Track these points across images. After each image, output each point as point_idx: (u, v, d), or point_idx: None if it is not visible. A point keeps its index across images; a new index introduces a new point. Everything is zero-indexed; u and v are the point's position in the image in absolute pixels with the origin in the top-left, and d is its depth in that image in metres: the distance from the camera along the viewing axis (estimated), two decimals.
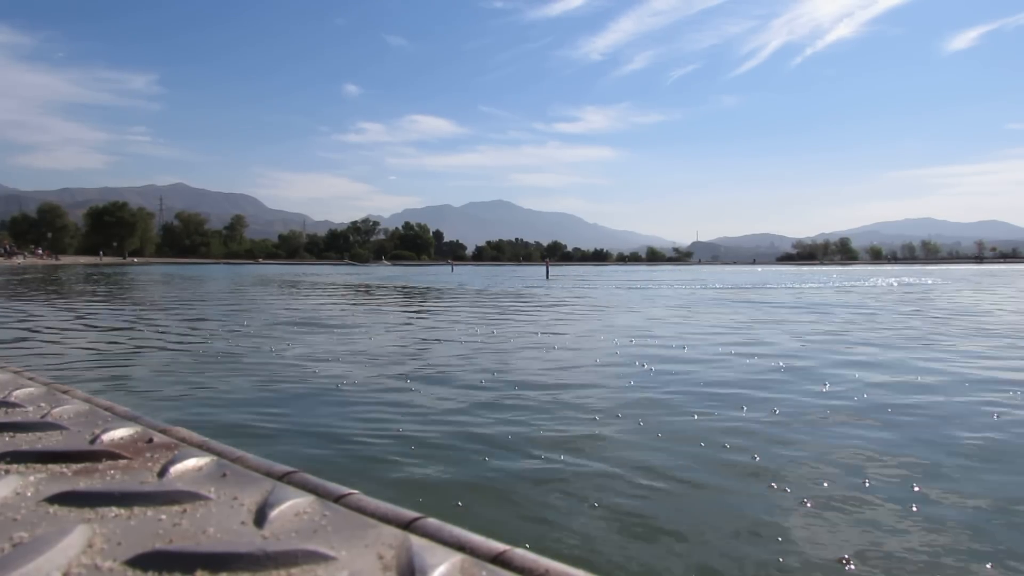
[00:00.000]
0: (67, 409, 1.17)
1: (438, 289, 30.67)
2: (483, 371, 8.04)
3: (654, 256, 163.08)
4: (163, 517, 0.74)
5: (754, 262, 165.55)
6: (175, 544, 0.67)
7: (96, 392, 1.31)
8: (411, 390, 6.94)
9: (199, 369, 8.24)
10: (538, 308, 18.88)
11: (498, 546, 0.65)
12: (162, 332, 12.40)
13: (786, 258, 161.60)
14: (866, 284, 35.00)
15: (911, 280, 40.18)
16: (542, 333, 12.33)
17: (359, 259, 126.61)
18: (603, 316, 16.37)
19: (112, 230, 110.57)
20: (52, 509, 0.76)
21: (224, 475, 0.87)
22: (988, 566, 2.94)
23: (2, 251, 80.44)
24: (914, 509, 3.61)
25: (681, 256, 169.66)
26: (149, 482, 0.84)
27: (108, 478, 0.87)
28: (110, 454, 0.94)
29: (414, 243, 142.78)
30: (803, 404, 6.12)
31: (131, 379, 7.56)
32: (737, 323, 13.44)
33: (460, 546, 0.66)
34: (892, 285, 33.77)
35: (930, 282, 37.62)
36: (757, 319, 14.27)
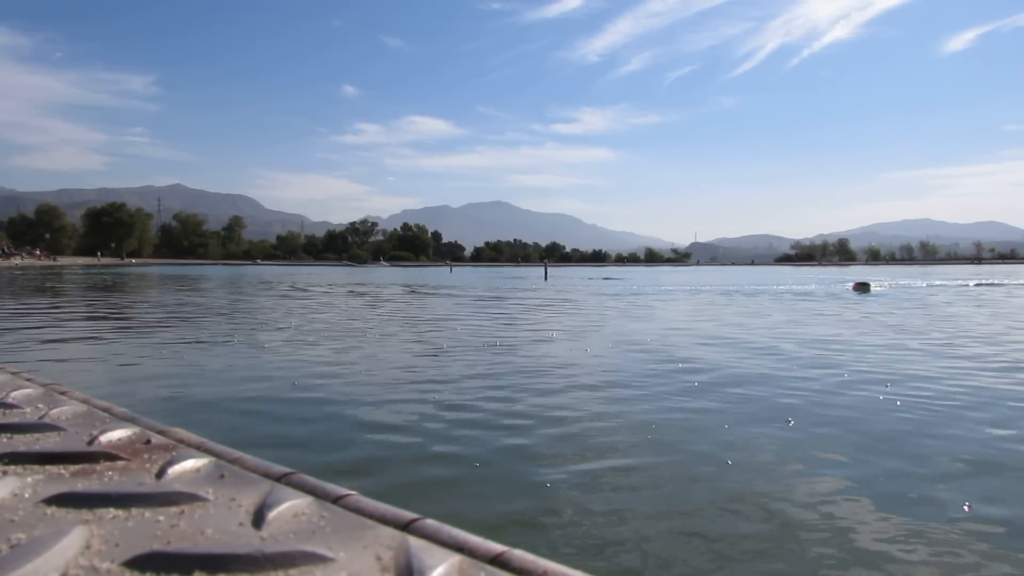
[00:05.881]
0: (65, 410, 1.17)
1: (441, 294, 30.67)
2: (484, 372, 8.04)
3: (653, 257, 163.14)
4: (161, 518, 0.74)
5: (752, 263, 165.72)
6: (173, 545, 0.67)
7: (94, 393, 1.31)
8: (411, 392, 6.94)
9: (197, 370, 8.23)
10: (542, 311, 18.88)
11: (496, 547, 0.65)
12: (160, 333, 12.38)
13: (784, 259, 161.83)
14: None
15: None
16: (559, 338, 12.32)
17: (358, 260, 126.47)
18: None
19: (110, 231, 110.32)
20: (50, 510, 0.76)
21: (222, 476, 0.87)
22: None
23: (0, 252, 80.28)
24: None
25: (680, 257, 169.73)
26: (147, 483, 0.84)
27: (106, 479, 0.86)
28: (108, 455, 0.94)
29: (412, 244, 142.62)
30: None
31: (129, 379, 7.55)
32: None
33: (459, 547, 0.66)
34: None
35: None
36: None
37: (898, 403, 6.32)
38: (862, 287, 31.50)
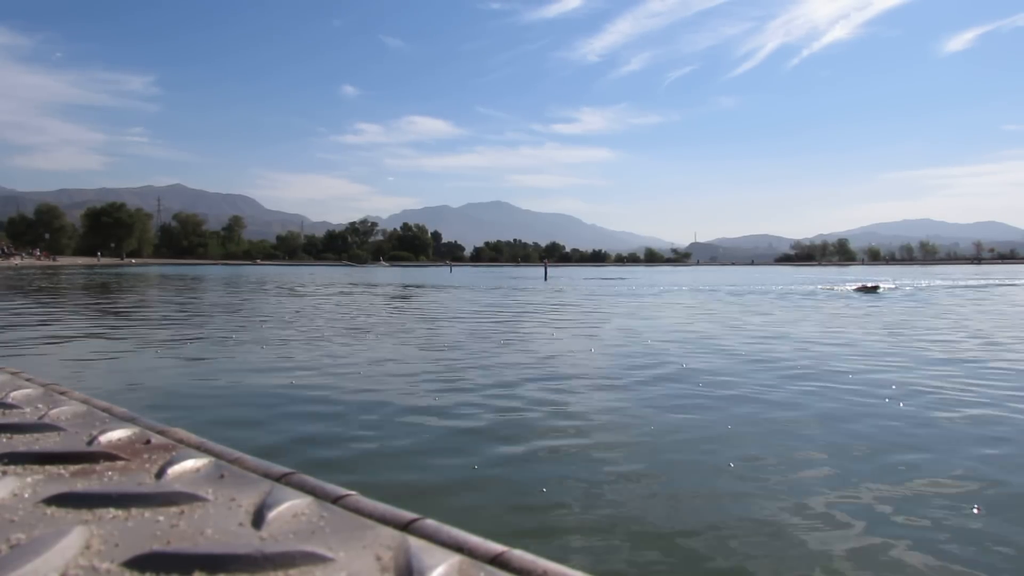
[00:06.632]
0: (65, 410, 1.17)
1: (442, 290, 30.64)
2: (484, 371, 8.04)
3: (652, 257, 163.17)
4: (161, 518, 0.74)
5: (752, 263, 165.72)
6: (173, 545, 0.67)
7: (94, 393, 1.31)
8: (411, 391, 6.93)
9: (197, 370, 8.23)
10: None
11: (496, 547, 0.65)
12: (160, 332, 12.38)
13: (784, 259, 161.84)
14: None
15: None
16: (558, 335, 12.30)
17: (357, 260, 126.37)
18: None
19: (110, 231, 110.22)
20: (49, 510, 0.76)
21: (222, 476, 0.87)
22: None
23: (0, 252, 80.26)
24: None
25: (679, 257, 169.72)
26: (147, 483, 0.84)
27: (106, 479, 0.86)
28: (108, 455, 0.94)
29: (412, 244, 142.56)
30: None
31: (129, 379, 7.54)
32: None
33: (458, 547, 0.66)
34: None
35: None
36: None
37: (901, 404, 6.31)
38: (869, 290, 28.47)
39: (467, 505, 3.78)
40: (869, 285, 30.40)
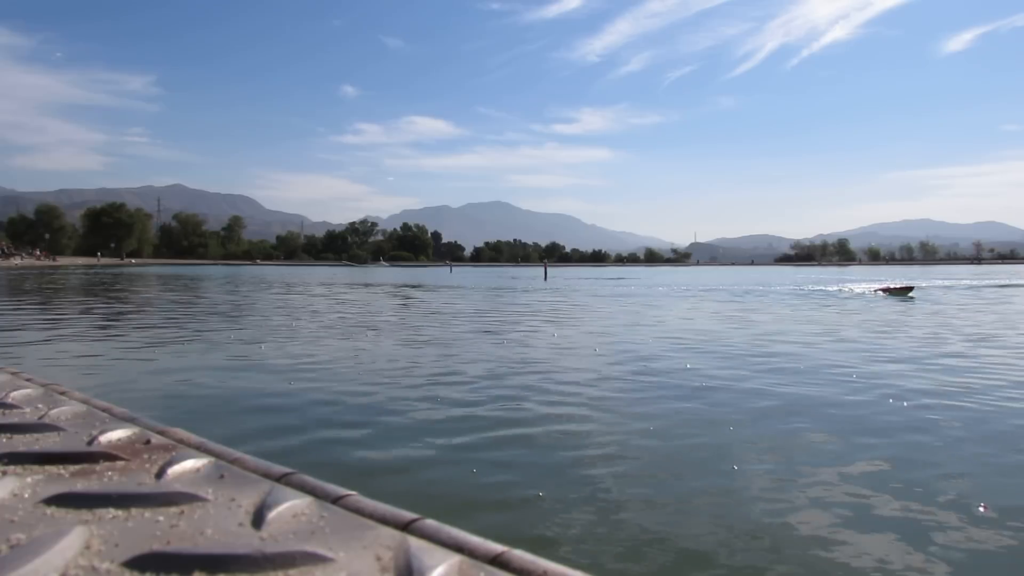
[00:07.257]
0: (64, 410, 1.17)
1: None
2: (484, 371, 8.03)
3: (652, 257, 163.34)
4: (161, 519, 0.74)
5: (752, 263, 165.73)
6: (172, 546, 0.67)
7: (94, 393, 1.31)
8: (411, 391, 6.93)
9: (197, 370, 8.22)
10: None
11: (496, 547, 0.65)
12: (160, 333, 12.37)
13: (784, 259, 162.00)
14: None
15: None
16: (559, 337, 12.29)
17: (357, 260, 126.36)
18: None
19: (110, 231, 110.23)
20: (49, 511, 0.76)
21: (222, 476, 0.87)
22: None
23: (0, 252, 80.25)
24: None
25: (679, 257, 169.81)
26: (147, 483, 0.84)
27: (105, 479, 0.86)
28: (108, 455, 0.94)
29: (412, 244, 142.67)
30: None
31: (129, 379, 7.54)
32: None
33: (458, 547, 0.66)
34: None
35: None
36: None
37: (905, 404, 6.30)
38: (900, 292, 22.83)
39: (467, 505, 3.78)
40: (895, 286, 24.01)
